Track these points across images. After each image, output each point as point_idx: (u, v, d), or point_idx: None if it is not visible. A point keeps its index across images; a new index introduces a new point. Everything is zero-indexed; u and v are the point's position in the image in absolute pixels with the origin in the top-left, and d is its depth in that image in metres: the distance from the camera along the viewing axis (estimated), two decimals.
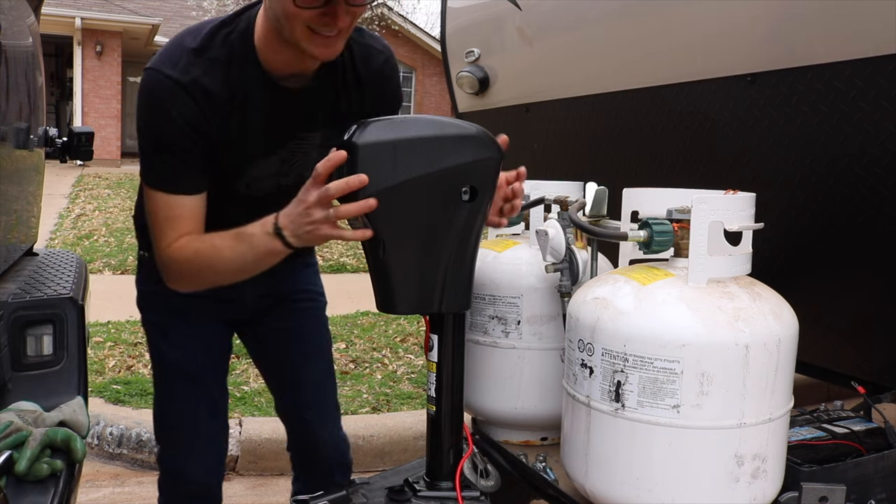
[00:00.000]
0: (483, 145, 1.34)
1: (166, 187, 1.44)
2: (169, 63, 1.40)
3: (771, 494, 1.52)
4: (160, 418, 1.83)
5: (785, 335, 1.47)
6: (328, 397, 1.93)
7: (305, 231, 1.30)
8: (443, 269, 1.35)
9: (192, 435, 1.79)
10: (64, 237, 7.84)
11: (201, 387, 1.78)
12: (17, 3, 2.02)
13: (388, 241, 1.30)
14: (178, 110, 1.39)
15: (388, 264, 1.32)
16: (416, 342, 4.61)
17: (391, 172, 1.27)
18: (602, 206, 1.78)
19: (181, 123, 1.39)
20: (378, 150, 1.27)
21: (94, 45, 15.41)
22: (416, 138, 1.29)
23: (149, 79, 1.41)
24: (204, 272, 1.45)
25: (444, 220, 1.32)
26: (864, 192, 1.72)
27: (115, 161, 15.09)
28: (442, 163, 1.29)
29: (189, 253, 1.43)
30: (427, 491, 1.53)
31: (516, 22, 2.71)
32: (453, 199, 1.31)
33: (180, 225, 1.44)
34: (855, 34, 1.65)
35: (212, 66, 1.41)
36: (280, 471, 3.05)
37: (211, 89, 1.41)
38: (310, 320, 1.89)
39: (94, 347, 4.24)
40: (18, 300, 1.79)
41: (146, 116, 1.43)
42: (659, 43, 2.15)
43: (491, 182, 1.35)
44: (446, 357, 1.54)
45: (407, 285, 1.35)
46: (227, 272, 1.43)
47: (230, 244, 1.39)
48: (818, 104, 1.75)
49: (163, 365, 1.79)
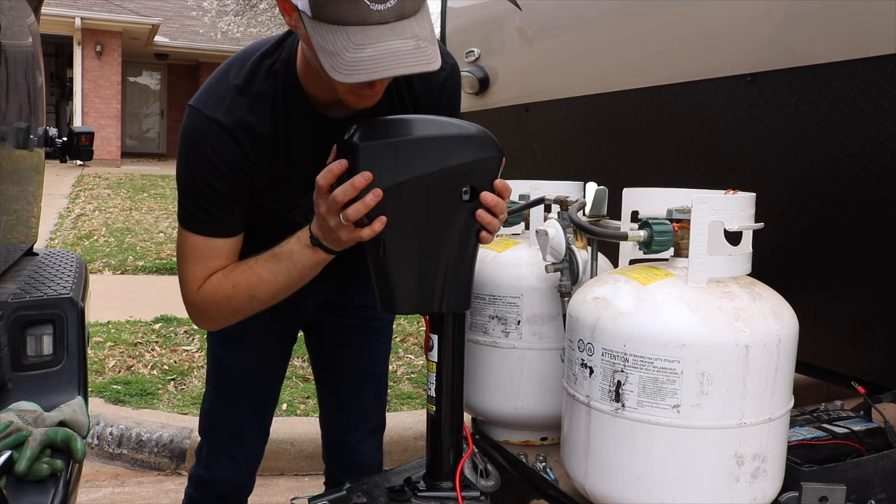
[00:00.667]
0: (483, 145, 1.34)
1: (201, 230, 1.41)
2: (212, 102, 1.37)
3: (771, 494, 1.52)
4: (205, 415, 1.83)
5: (785, 335, 1.47)
6: (373, 421, 1.89)
7: (332, 238, 1.29)
8: (443, 270, 1.35)
9: (231, 441, 1.78)
10: (64, 237, 7.84)
11: (247, 396, 1.76)
12: (17, 2, 2.02)
13: (389, 240, 1.31)
14: (218, 153, 1.35)
15: (388, 264, 1.32)
16: (416, 342, 4.61)
17: (392, 172, 1.26)
18: (602, 206, 1.78)
19: (221, 167, 1.36)
20: (378, 150, 1.26)
21: (94, 45, 15.42)
22: (416, 138, 1.29)
23: (191, 118, 1.38)
24: (243, 306, 1.42)
25: (444, 220, 1.32)
26: (864, 192, 1.72)
27: (115, 161, 15.10)
28: (442, 163, 1.29)
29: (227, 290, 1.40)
30: (427, 491, 1.53)
31: (516, 22, 2.71)
32: (453, 199, 1.32)
33: (211, 266, 1.41)
34: (855, 34, 1.65)
35: (256, 103, 1.38)
36: (280, 471, 3.06)
37: (256, 128, 1.37)
38: (371, 340, 1.84)
39: (94, 347, 4.24)
40: (18, 300, 1.79)
41: (185, 157, 1.39)
42: (659, 43, 2.15)
43: (491, 182, 1.35)
44: (446, 357, 1.54)
45: (407, 285, 1.35)
46: (268, 295, 1.40)
47: (270, 267, 1.37)
48: (818, 104, 1.75)
49: (214, 367, 1.77)
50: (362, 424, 1.86)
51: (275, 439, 3.09)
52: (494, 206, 1.31)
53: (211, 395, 1.82)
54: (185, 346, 4.43)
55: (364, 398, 1.86)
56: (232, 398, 1.77)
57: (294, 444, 3.11)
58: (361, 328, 1.82)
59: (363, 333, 1.83)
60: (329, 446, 1.94)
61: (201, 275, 1.42)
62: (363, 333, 1.83)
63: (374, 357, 1.85)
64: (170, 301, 5.13)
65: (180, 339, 4.58)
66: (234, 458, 1.80)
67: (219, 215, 1.41)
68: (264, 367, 1.77)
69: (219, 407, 1.79)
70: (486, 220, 1.31)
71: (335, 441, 1.91)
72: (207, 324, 1.50)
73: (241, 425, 1.79)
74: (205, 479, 1.82)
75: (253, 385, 1.76)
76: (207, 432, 1.83)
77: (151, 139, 18.92)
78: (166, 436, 3.18)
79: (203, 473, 1.83)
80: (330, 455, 1.94)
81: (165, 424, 3.26)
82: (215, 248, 1.42)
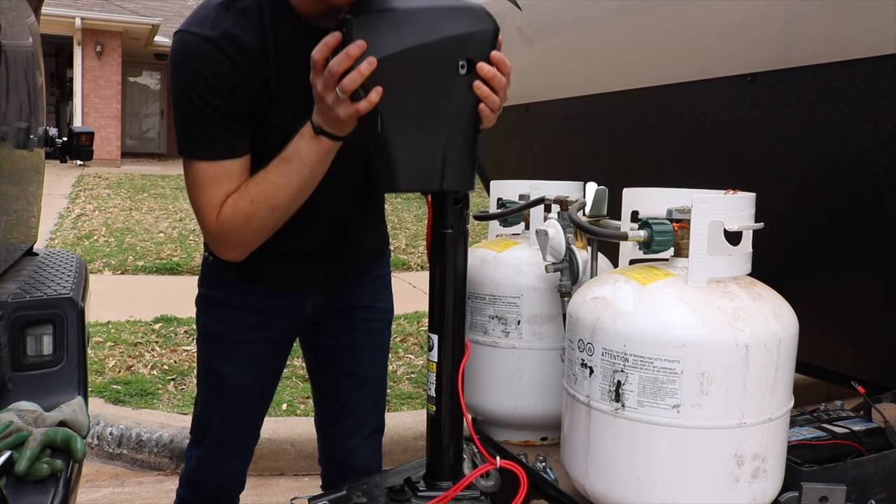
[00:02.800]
0: (478, 18, 1.31)
1: (207, 155, 1.37)
2: (196, 22, 1.35)
3: (771, 494, 1.52)
4: (196, 419, 1.80)
5: (785, 335, 1.47)
6: (372, 424, 1.85)
7: (332, 119, 1.27)
8: (443, 145, 1.31)
9: (222, 446, 1.76)
10: (64, 237, 7.84)
11: (239, 401, 1.74)
12: (17, 2, 2.02)
13: (386, 114, 1.27)
14: (211, 68, 1.33)
15: (386, 139, 1.28)
16: (417, 342, 4.61)
17: (386, 43, 1.24)
18: (602, 206, 1.78)
19: (215, 82, 1.33)
20: (372, 21, 1.24)
21: (94, 45, 15.42)
22: (410, 9, 1.27)
23: (177, 41, 1.36)
24: (265, 221, 1.38)
25: (442, 93, 1.29)
26: (864, 192, 1.72)
27: (116, 161, 15.10)
28: (437, 33, 1.26)
29: (245, 207, 1.36)
30: (427, 491, 1.53)
31: (516, 22, 2.71)
32: (450, 72, 1.29)
33: (225, 189, 1.38)
34: (855, 34, 1.65)
35: (243, 17, 1.36)
36: (280, 471, 3.06)
37: (244, 40, 1.35)
38: (370, 342, 1.81)
39: (94, 347, 4.24)
40: (18, 300, 1.79)
41: (179, 80, 1.35)
42: (659, 43, 2.15)
43: (488, 55, 1.32)
44: (446, 357, 1.54)
45: (407, 161, 1.30)
46: (287, 201, 1.37)
47: (281, 171, 1.34)
48: (818, 104, 1.75)
49: (208, 371, 1.74)
50: (361, 428, 1.84)
51: (275, 439, 3.09)
52: (492, 79, 1.28)
53: (204, 400, 1.78)
54: (185, 346, 4.43)
55: (363, 401, 1.83)
56: (225, 406, 1.73)
57: (294, 444, 3.11)
58: (360, 330, 1.80)
59: (362, 335, 1.81)
60: (326, 450, 1.91)
61: (216, 202, 1.38)
62: (362, 335, 1.81)
63: (373, 359, 1.83)
64: (170, 301, 5.13)
65: (180, 339, 4.58)
66: (225, 462, 1.78)
67: (222, 136, 1.37)
68: (259, 376, 1.74)
69: (211, 413, 1.75)
70: (483, 92, 1.28)
71: (333, 445, 1.87)
72: (234, 251, 1.43)
73: (234, 431, 1.76)
74: (195, 482, 1.81)
75: (247, 394, 1.74)
76: (198, 436, 1.79)
77: (151, 139, 18.92)
78: (166, 436, 3.18)
79: (193, 476, 1.81)
80: (327, 459, 1.91)
81: (165, 424, 3.26)
82: (224, 171, 1.38)
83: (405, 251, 7.75)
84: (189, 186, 1.42)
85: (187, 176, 1.42)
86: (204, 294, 1.72)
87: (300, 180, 1.35)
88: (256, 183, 1.37)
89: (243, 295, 1.63)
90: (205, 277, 1.71)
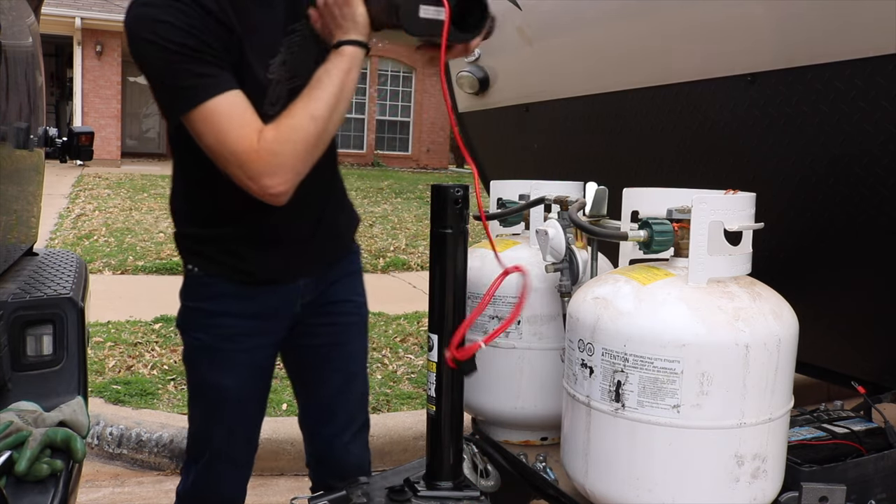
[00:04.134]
0: None
1: (215, 90, 1.36)
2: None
3: (771, 494, 1.52)
4: (194, 437, 1.74)
5: (785, 335, 1.47)
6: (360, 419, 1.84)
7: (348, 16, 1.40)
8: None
9: (229, 458, 1.72)
10: (64, 237, 7.84)
11: (242, 411, 1.70)
12: (17, 2, 2.02)
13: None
14: (175, 17, 1.35)
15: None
16: (417, 342, 4.61)
17: None
18: (602, 206, 1.78)
19: (183, 27, 1.35)
20: None
21: (94, 45, 15.41)
22: None
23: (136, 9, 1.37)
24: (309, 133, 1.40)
25: None
26: (864, 192, 1.72)
27: (116, 161, 15.09)
28: None
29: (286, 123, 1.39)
30: (427, 491, 1.53)
31: (516, 22, 2.71)
32: None
33: (250, 116, 1.38)
34: (855, 34, 1.65)
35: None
36: (280, 471, 3.05)
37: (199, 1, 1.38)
38: (354, 337, 1.80)
39: (94, 347, 4.24)
40: (18, 300, 1.79)
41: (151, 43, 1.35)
42: (659, 43, 2.15)
43: None
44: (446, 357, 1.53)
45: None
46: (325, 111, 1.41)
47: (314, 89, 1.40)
48: (818, 104, 1.75)
49: (204, 386, 1.67)
50: (351, 425, 1.81)
51: (275, 439, 3.08)
52: None
53: (202, 417, 1.71)
54: None
55: (352, 397, 1.81)
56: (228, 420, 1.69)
57: (294, 444, 3.10)
58: (345, 324, 1.77)
59: (348, 330, 1.78)
60: (316, 450, 1.85)
61: (251, 126, 1.37)
62: (348, 330, 1.78)
63: (359, 354, 1.81)
64: (170, 301, 5.11)
65: (180, 339, 4.57)
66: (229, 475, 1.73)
67: (218, 72, 1.38)
68: (258, 383, 1.71)
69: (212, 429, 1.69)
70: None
71: (323, 444, 1.83)
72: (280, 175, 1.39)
73: (237, 444, 1.71)
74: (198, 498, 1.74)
75: (249, 404, 1.70)
76: (198, 452, 1.72)
77: (151, 139, 18.91)
78: (166, 436, 3.18)
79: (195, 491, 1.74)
80: (318, 460, 1.85)
81: (165, 424, 3.25)
82: (241, 99, 1.38)
83: (405, 251, 7.74)
84: (211, 133, 1.37)
85: (204, 126, 1.37)
86: (191, 307, 1.66)
87: (334, 91, 1.41)
88: (292, 105, 1.41)
89: (234, 301, 1.60)
90: (191, 290, 1.65)
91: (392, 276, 6.82)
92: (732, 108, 1.97)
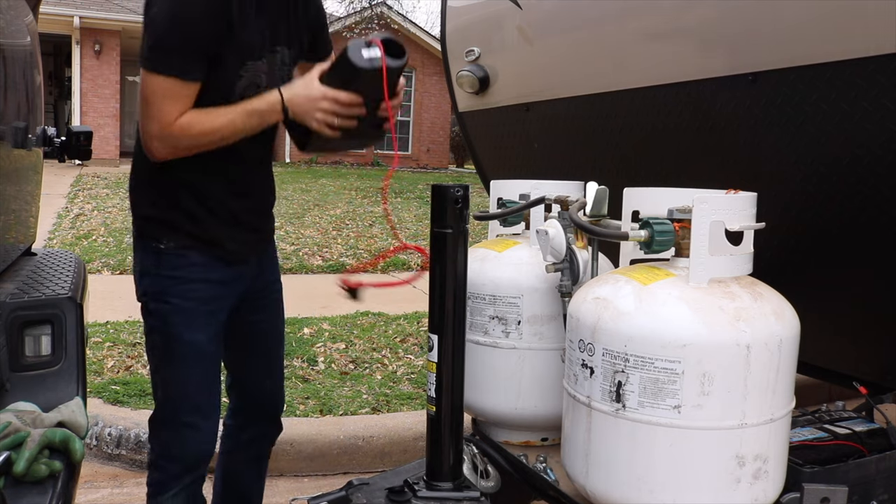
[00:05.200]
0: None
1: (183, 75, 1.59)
2: None
3: (772, 495, 1.51)
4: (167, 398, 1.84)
5: (786, 335, 1.47)
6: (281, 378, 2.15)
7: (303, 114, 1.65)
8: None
9: (212, 409, 1.87)
10: (62, 237, 7.83)
11: (214, 361, 1.87)
12: (16, 1, 2.01)
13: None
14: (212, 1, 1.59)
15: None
16: (416, 342, 4.61)
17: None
18: (603, 206, 1.77)
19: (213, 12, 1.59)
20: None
21: (92, 44, 15.40)
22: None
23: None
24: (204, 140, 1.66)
25: None
26: (865, 191, 1.72)
27: (114, 161, 15.08)
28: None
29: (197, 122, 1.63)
30: (427, 491, 1.53)
31: (517, 21, 2.70)
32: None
33: (184, 105, 1.61)
34: (856, 33, 1.64)
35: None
36: (280, 471, 3.05)
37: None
38: (280, 313, 2.07)
39: (93, 348, 4.23)
40: (17, 300, 1.79)
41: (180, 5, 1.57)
42: (659, 43, 2.14)
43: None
44: (446, 357, 1.53)
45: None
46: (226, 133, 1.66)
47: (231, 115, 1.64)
48: (820, 103, 1.75)
49: (182, 345, 1.80)
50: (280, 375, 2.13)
51: None
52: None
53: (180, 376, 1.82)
54: None
55: (281, 355, 2.14)
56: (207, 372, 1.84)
57: (293, 445, 3.10)
58: (273, 302, 2.04)
59: (276, 308, 2.05)
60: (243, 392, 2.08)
61: (175, 114, 1.61)
62: (276, 308, 2.05)
63: (282, 324, 2.11)
64: None
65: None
66: (204, 428, 1.85)
67: (200, 61, 1.61)
68: (220, 337, 1.87)
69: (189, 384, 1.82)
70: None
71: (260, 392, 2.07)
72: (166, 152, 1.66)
73: (213, 393, 1.86)
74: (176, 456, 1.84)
75: (216, 355, 1.87)
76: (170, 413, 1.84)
77: None
78: None
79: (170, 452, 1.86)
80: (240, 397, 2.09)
81: None
82: (190, 91, 1.61)
83: (405, 251, 7.75)
84: (149, 95, 1.60)
85: (149, 86, 1.60)
86: (167, 276, 1.79)
87: (242, 126, 1.67)
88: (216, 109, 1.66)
89: (205, 270, 1.78)
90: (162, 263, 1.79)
91: (392, 276, 6.82)
92: (733, 108, 1.97)
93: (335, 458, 3.09)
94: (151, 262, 1.79)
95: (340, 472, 3.06)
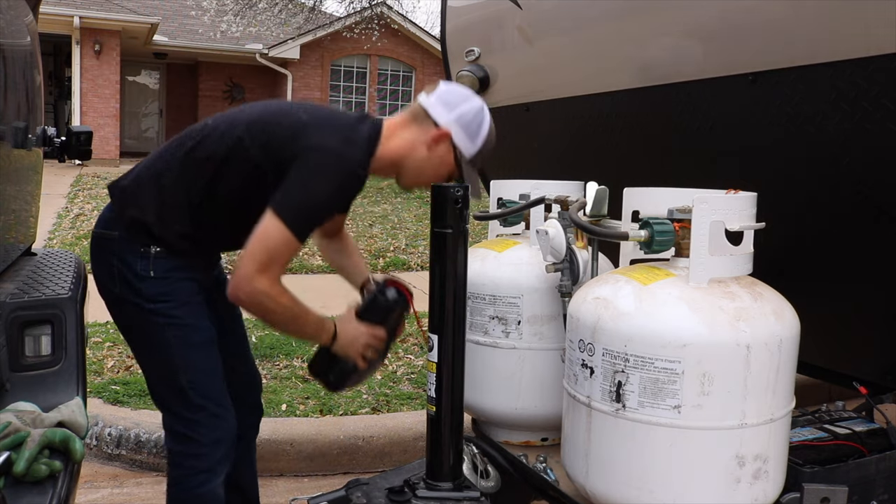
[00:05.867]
0: None
1: (301, 235, 1.71)
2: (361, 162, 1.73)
3: (772, 495, 1.51)
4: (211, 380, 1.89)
5: (786, 335, 1.47)
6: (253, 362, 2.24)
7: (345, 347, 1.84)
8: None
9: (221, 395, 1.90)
10: (62, 237, 7.83)
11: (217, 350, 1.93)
12: (15, 1, 2.01)
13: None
14: (353, 192, 1.76)
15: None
16: (416, 342, 4.60)
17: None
18: (603, 206, 1.77)
19: (347, 200, 1.79)
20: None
21: (92, 43, 15.38)
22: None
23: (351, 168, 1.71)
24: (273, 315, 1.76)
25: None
26: (866, 191, 1.72)
27: (114, 160, 15.07)
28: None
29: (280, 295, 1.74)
30: (427, 491, 1.53)
31: (517, 21, 2.70)
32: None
33: (283, 265, 1.73)
34: (856, 33, 1.64)
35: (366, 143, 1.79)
36: (279, 471, 3.04)
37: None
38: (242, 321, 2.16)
39: (93, 348, 4.23)
40: (17, 300, 1.79)
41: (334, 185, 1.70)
42: (659, 43, 2.14)
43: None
44: (446, 357, 1.53)
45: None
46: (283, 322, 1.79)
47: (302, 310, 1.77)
48: (820, 103, 1.74)
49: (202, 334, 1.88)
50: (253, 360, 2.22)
51: (274, 440, 3.08)
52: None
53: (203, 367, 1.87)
54: None
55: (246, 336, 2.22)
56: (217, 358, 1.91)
57: (293, 445, 3.10)
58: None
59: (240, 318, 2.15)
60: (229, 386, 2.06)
61: (277, 270, 1.72)
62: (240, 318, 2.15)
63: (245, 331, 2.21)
64: None
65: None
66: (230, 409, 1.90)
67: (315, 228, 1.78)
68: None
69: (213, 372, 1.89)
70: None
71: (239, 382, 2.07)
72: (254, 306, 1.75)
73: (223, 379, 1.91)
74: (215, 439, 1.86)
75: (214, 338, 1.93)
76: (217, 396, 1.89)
77: (150, 139, 18.89)
78: None
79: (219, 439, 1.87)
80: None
81: None
82: (294, 251, 1.72)
83: (405, 251, 7.73)
84: (273, 248, 1.69)
85: (278, 239, 1.68)
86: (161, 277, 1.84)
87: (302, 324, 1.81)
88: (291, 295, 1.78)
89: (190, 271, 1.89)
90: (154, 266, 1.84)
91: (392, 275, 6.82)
92: (732, 108, 1.97)
93: (335, 458, 3.09)
94: (141, 266, 1.82)
95: (340, 472, 3.05)
